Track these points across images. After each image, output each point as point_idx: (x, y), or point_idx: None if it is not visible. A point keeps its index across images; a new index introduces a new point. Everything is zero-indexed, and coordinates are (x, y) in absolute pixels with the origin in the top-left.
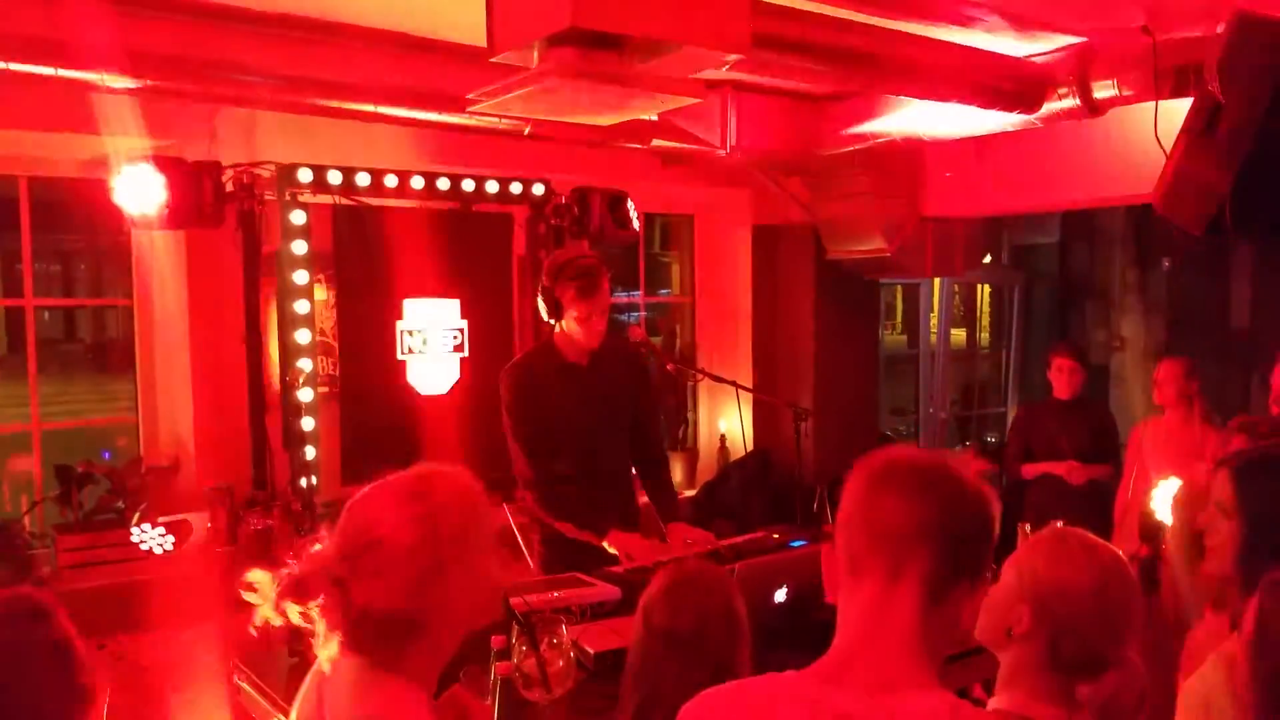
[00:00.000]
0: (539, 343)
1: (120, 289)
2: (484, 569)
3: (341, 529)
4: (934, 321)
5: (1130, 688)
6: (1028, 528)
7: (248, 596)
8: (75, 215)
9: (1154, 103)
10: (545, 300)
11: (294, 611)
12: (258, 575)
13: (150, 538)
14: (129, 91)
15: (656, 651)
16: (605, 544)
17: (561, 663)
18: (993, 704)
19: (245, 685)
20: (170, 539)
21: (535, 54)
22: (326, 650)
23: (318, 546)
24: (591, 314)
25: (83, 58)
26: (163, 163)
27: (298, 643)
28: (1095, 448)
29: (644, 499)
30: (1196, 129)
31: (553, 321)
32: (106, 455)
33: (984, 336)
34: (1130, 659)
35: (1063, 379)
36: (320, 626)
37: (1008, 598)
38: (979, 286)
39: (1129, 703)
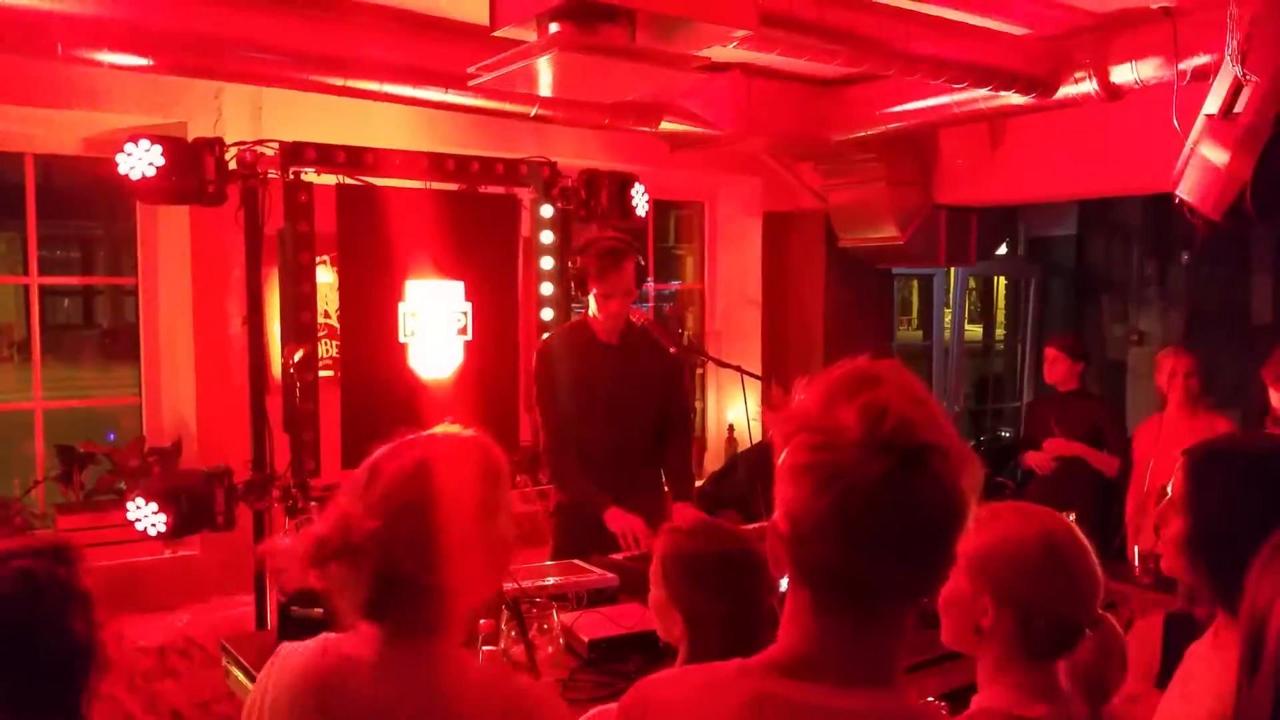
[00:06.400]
0: (574, 320)
1: (131, 272)
2: (506, 534)
3: (368, 488)
4: (948, 316)
5: (1109, 650)
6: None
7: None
8: (91, 200)
9: (1173, 87)
10: (573, 275)
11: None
12: (280, 543)
13: (145, 515)
14: (133, 68)
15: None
16: (605, 519)
17: (551, 649)
18: (976, 702)
19: (234, 669)
20: (163, 518)
21: (537, 27)
22: (347, 616)
23: (338, 508)
24: (612, 293)
25: (88, 34)
26: (165, 139)
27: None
28: (1091, 442)
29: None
30: (1217, 113)
31: (577, 305)
32: (111, 436)
33: (1000, 331)
34: (1105, 618)
35: (1045, 367)
36: (342, 588)
37: (966, 595)
38: (995, 279)
39: (1112, 666)
